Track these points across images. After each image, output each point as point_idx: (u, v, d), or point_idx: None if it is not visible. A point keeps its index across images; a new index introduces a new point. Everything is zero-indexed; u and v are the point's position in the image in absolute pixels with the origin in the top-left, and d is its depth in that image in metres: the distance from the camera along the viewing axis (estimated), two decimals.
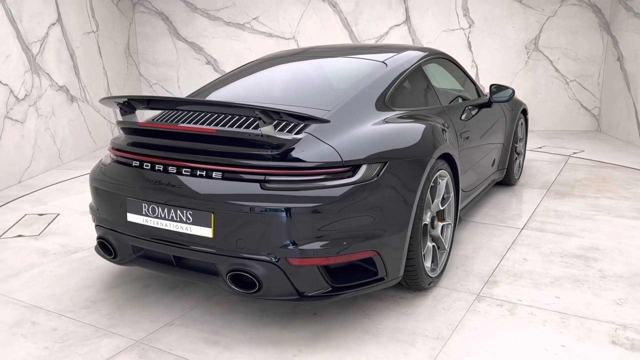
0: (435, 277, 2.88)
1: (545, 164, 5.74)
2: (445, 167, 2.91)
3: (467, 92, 4.13)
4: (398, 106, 3.01)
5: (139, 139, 2.66)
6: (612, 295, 2.84)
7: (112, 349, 2.41)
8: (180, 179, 2.43)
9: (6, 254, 3.57)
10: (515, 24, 7.62)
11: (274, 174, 2.30)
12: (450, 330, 2.52)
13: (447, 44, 7.77)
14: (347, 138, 2.48)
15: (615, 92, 7.23)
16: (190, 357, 2.34)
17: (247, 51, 8.18)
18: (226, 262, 2.34)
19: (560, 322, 2.58)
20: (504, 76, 7.78)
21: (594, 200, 4.44)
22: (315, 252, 2.26)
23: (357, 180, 2.35)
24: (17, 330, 2.61)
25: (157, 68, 8.43)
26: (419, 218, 2.60)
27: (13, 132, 5.21)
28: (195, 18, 8.20)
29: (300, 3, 7.96)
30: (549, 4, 7.49)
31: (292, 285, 2.31)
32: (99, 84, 7.04)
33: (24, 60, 5.43)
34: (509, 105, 4.58)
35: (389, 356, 2.32)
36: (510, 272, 3.13)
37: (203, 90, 3.42)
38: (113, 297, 2.91)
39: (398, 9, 7.78)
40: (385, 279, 2.50)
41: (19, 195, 4.86)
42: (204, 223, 2.34)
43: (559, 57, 7.62)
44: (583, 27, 7.46)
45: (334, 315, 2.66)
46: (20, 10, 5.36)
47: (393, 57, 3.37)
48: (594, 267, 3.17)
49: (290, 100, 2.90)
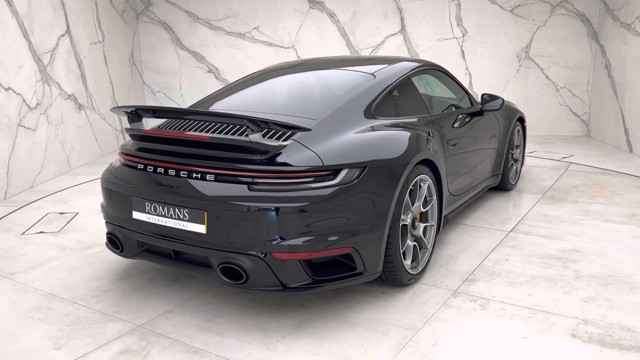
0: (416, 274, 3.08)
1: (545, 170, 5.87)
2: (427, 172, 3.12)
3: (460, 101, 4.32)
4: (385, 115, 3.24)
5: (144, 145, 2.93)
6: (582, 293, 2.99)
7: (116, 332, 2.69)
8: (178, 181, 2.68)
9: (28, 248, 3.90)
10: (507, 33, 7.88)
11: (260, 176, 2.54)
12: (423, 322, 2.71)
13: (441, 52, 8.03)
14: (330, 145, 2.71)
15: (604, 99, 7.49)
16: (184, 340, 2.61)
17: (247, 60, 8.42)
18: (218, 255, 2.58)
19: (527, 316, 2.75)
20: (496, 83, 8.04)
21: (585, 206, 4.56)
22: (297, 248, 2.50)
23: (337, 183, 2.57)
24: (34, 314, 2.92)
25: (160, 76, 8.67)
26: (396, 219, 2.81)
27: (25, 140, 5.44)
28: (197, 28, 8.44)
29: (299, 13, 8.22)
30: (540, 14, 7.75)
31: (276, 277, 2.54)
32: (104, 92, 7.28)
33: (36, 70, 5.66)
34: (503, 113, 4.75)
35: (363, 343, 2.53)
36: (490, 271, 3.30)
37: (206, 100, 3.69)
38: (121, 287, 3.20)
39: (394, 19, 8.04)
40: (364, 273, 2.72)
41: (36, 198, 5.11)
42: (198, 220, 2.59)
43: (550, 65, 7.88)
44: (572, 36, 7.73)
45: (319, 306, 2.89)
46: (32, 23, 5.60)
47: (383, 69, 3.58)
48: (571, 268, 3.32)
49: (283, 109, 3.15)
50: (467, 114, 4.16)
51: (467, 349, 2.47)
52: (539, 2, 7.69)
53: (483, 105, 4.33)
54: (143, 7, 8.42)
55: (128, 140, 3.13)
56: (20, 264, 3.60)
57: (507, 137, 4.77)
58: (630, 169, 5.86)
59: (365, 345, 2.52)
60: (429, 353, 2.44)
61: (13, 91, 5.25)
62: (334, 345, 2.53)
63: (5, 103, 5.13)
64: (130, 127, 2.96)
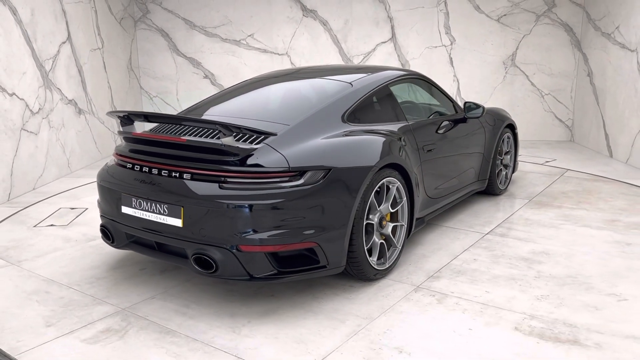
0: (383, 270, 3.29)
1: (539, 177, 5.96)
2: (395, 176, 3.32)
3: (443, 109, 4.50)
4: (360, 122, 3.47)
5: (134, 146, 3.23)
6: (537, 292, 3.13)
7: (102, 314, 3.01)
8: (160, 179, 2.96)
9: (38, 239, 4.29)
10: (494, 41, 8.14)
11: (230, 176, 2.79)
12: (380, 313, 2.91)
13: (430, 60, 8.29)
14: (298, 148, 2.95)
15: (586, 105, 7.75)
16: (160, 322, 2.89)
17: (242, 66, 8.66)
18: (192, 247, 2.84)
19: (479, 311, 2.92)
20: (483, 90, 8.30)
21: (568, 211, 4.65)
22: (263, 242, 2.74)
23: (301, 184, 2.81)
24: (33, 296, 3.26)
25: (157, 82, 8.89)
26: (360, 217, 3.02)
27: (28, 143, 5.65)
28: (193, 35, 8.68)
29: (292, 21, 8.47)
30: (525, 23, 8.02)
31: (243, 268, 2.78)
32: (104, 97, 7.50)
33: (38, 76, 5.88)
34: (490, 120, 4.93)
35: (320, 330, 2.77)
36: (456, 270, 3.46)
37: (196, 106, 3.96)
38: (113, 275, 3.52)
39: (385, 27, 8.30)
40: (327, 267, 2.94)
41: (39, 199, 5.33)
42: (176, 215, 2.87)
43: (535, 72, 8.14)
44: (556, 44, 8.00)
45: (288, 296, 3.13)
46: (35, 31, 5.82)
47: (361, 78, 3.80)
48: (535, 269, 3.45)
49: (262, 115, 3.40)
50: (449, 121, 4.33)
51: (414, 337, 2.66)
52: (525, 11, 7.96)
53: (466, 113, 4.53)
54: (141, 14, 8.65)
55: (122, 142, 3.42)
56: (28, 253, 3.97)
57: (495, 144, 4.93)
58: (609, 172, 6.07)
59: (322, 331, 2.75)
60: (377, 340, 2.65)
61: (17, 96, 5.46)
62: (293, 330, 2.77)
63: (10, 108, 5.34)
64: (123, 130, 3.26)
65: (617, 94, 6.82)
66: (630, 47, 6.46)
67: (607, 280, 3.29)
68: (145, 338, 2.73)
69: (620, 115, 6.71)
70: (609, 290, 3.15)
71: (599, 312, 2.90)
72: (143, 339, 2.72)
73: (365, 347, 2.59)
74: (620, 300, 3.03)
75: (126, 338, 2.74)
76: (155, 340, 2.70)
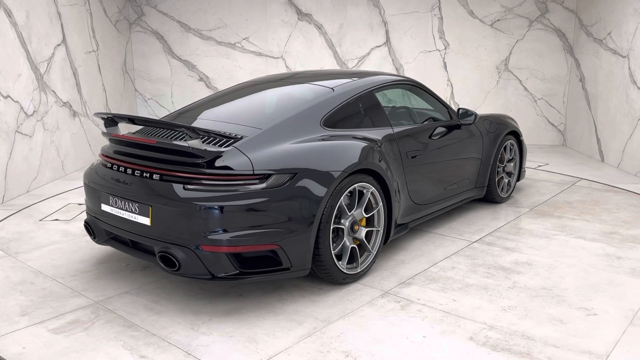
0: (353, 275, 3.31)
1: (549, 185, 5.82)
2: (369, 181, 3.33)
3: (438, 115, 4.46)
4: (339, 127, 3.50)
5: (115, 147, 3.36)
6: (506, 302, 3.08)
7: (75, 306, 3.15)
8: (133, 179, 3.07)
9: (39, 232, 4.49)
10: (487, 46, 8.20)
11: (195, 178, 2.87)
12: (340, 316, 2.93)
13: (424, 64, 8.34)
14: (266, 152, 3.00)
15: (578, 110, 7.81)
16: (126, 316, 3.00)
17: (237, 69, 8.68)
18: (158, 245, 2.93)
19: (439, 319, 2.90)
20: (477, 94, 8.35)
21: (568, 222, 4.52)
22: (223, 242, 2.80)
23: (264, 187, 2.86)
24: (18, 287, 3.44)
25: (152, 84, 8.90)
26: (327, 221, 3.05)
27: (23, 146, 5.65)
28: (188, 37, 8.69)
29: (287, 25, 8.50)
30: (518, 29, 8.09)
31: (205, 267, 2.85)
32: (98, 100, 7.50)
33: (33, 79, 5.88)
34: (489, 126, 4.85)
35: (276, 330, 2.81)
36: (430, 277, 3.43)
37: (186, 109, 4.07)
38: (97, 269, 3.66)
39: (379, 31, 8.34)
40: (291, 269, 2.98)
41: (33, 202, 5.33)
42: (145, 214, 2.97)
43: (528, 77, 8.21)
44: (549, 49, 8.06)
45: (255, 297, 3.18)
46: (30, 33, 5.82)
47: (344, 84, 3.82)
48: (511, 279, 3.38)
49: (239, 119, 3.45)
50: (442, 127, 4.30)
51: (365, 342, 2.67)
52: (518, 17, 8.03)
53: (459, 119, 4.48)
54: (136, 17, 8.66)
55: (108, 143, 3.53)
56: (27, 245, 4.15)
57: (494, 151, 4.83)
58: (601, 177, 6.12)
59: (277, 332, 2.79)
60: (328, 343, 2.68)
61: (11, 99, 5.46)
62: (249, 330, 2.82)
63: (4, 110, 5.34)
64: (106, 131, 3.39)
65: (608, 99, 6.88)
66: (622, 53, 6.53)
67: (583, 293, 3.22)
68: (108, 331, 2.84)
69: (612, 121, 6.78)
70: (580, 304, 3.08)
71: (563, 325, 2.85)
72: (105, 332, 2.83)
73: (315, 349, 2.63)
74: (589, 315, 2.97)
75: (90, 330, 2.85)
76: (117, 334, 2.81)
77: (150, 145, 3.07)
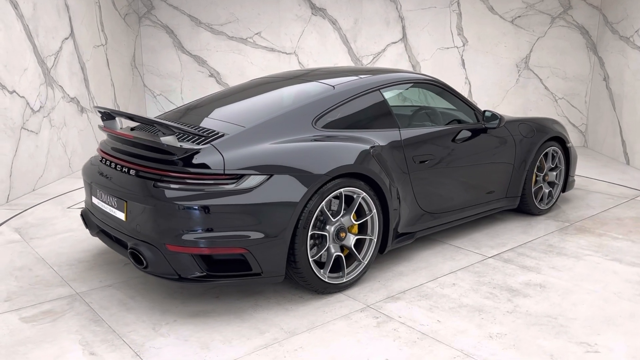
0: (337, 285, 3.11)
1: (604, 198, 5.24)
2: (360, 185, 3.10)
3: (463, 116, 4.12)
4: (333, 127, 3.28)
5: (107, 141, 3.40)
6: (496, 329, 2.75)
7: (56, 295, 3.15)
8: (114, 173, 3.08)
9: (61, 220, 4.54)
10: (507, 43, 7.96)
11: (166, 175, 2.79)
12: (307, 329, 2.75)
13: (442, 61, 8.10)
14: (243, 152, 2.87)
15: (601, 111, 7.57)
16: (97, 310, 2.97)
17: (249, 65, 8.46)
18: (130, 241, 2.89)
19: (412, 341, 2.63)
20: (496, 93, 8.11)
21: (608, 241, 4.02)
22: (188, 243, 2.71)
23: (236, 189, 2.74)
24: (16, 272, 3.47)
25: (161, 80, 8.69)
26: (304, 227, 2.87)
27: (28, 143, 5.46)
28: (199, 32, 8.48)
29: (301, 20, 8.27)
30: (539, 25, 7.84)
31: (171, 267, 2.77)
32: (106, 95, 7.30)
33: (40, 73, 5.68)
34: (525, 131, 4.44)
35: (234, 338, 2.67)
36: (423, 293, 3.14)
37: (186, 105, 3.95)
38: (95, 260, 3.66)
39: (395, 27, 8.10)
40: (262, 275, 2.84)
41: (39, 201, 5.11)
42: (121, 209, 2.96)
43: (548, 76, 7.96)
44: (571, 47, 7.81)
45: (230, 301, 3.05)
46: (36, 26, 5.62)
47: (348, 81, 3.57)
48: (513, 303, 3.04)
49: (229, 117, 3.34)
50: (466, 130, 3.97)
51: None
52: (539, 13, 7.77)
53: (484, 122, 4.13)
54: (146, 10, 8.45)
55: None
56: (44, 232, 4.20)
57: (530, 158, 4.42)
58: (627, 181, 5.90)
59: (235, 340, 2.66)
60: (282, 357, 2.51)
61: (17, 94, 5.27)
62: (208, 335, 2.70)
63: (10, 106, 5.15)
64: (102, 125, 3.39)
65: (635, 99, 6.63)
66: None
67: (592, 326, 2.80)
68: (74, 324, 2.82)
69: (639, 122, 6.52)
70: (583, 339, 2.68)
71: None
72: (70, 325, 2.82)
73: None
74: (589, 352, 2.57)
75: (58, 321, 2.85)
76: (80, 327, 2.79)
77: (131, 140, 3.05)
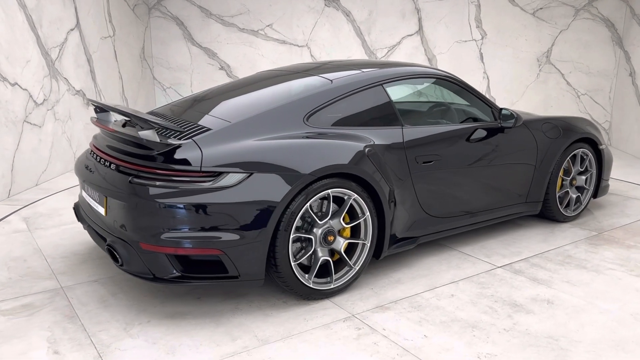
0: (324, 291, 2.96)
1: None
2: (351, 187, 2.93)
3: (480, 114, 3.86)
4: (327, 124, 3.10)
5: (99, 135, 3.34)
6: (487, 348, 2.53)
7: (41, 288, 3.12)
8: (99, 167, 3.00)
9: (70, 211, 4.48)
10: (528, 36, 7.65)
11: (143, 171, 2.70)
12: (281, 337, 2.62)
13: (459, 55, 7.82)
14: (224, 148, 2.75)
15: (626, 107, 7.26)
16: (75, 306, 2.93)
17: (260, 57, 8.26)
18: (108, 237, 2.83)
19: (391, 357, 2.46)
20: (515, 88, 7.83)
21: (636, 254, 3.67)
22: (161, 242, 2.61)
23: (212, 187, 2.62)
24: (10, 263, 3.45)
25: (170, 72, 8.53)
26: (285, 229, 2.73)
27: (31, 137, 5.32)
28: (209, 24, 8.29)
29: (313, 11, 8.03)
30: (562, 18, 7.52)
31: (145, 266, 2.69)
32: (114, 88, 7.15)
33: (43, 65, 5.53)
34: (550, 131, 4.12)
35: (203, 343, 2.57)
36: (416, 304, 2.96)
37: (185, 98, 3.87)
38: (87, 255, 3.61)
39: (411, 19, 7.84)
40: (239, 277, 2.72)
41: (41, 197, 4.97)
42: (102, 203, 2.89)
43: (571, 71, 7.65)
44: (596, 41, 7.49)
45: (212, 303, 2.96)
46: (40, 16, 5.46)
47: (348, 75, 3.37)
48: (513, 319, 2.80)
49: (220, 112, 3.21)
50: (480, 130, 3.71)
51: None
52: (563, 5, 7.45)
53: (501, 121, 3.83)
54: (155, 1, 8.28)
55: None
56: (50, 222, 4.19)
57: (555, 160, 4.09)
58: None
59: (203, 346, 2.56)
60: None
61: (19, 86, 5.12)
62: (177, 339, 2.61)
63: (11, 99, 5.00)
64: (97, 119, 3.31)
65: None
66: None
67: (597, 351, 2.52)
68: (48, 320, 2.78)
69: None
70: None
71: None
72: (45, 320, 2.78)
73: None
74: None
75: (33, 316, 2.81)
76: (53, 324, 2.74)
77: (116, 135, 2.99)
